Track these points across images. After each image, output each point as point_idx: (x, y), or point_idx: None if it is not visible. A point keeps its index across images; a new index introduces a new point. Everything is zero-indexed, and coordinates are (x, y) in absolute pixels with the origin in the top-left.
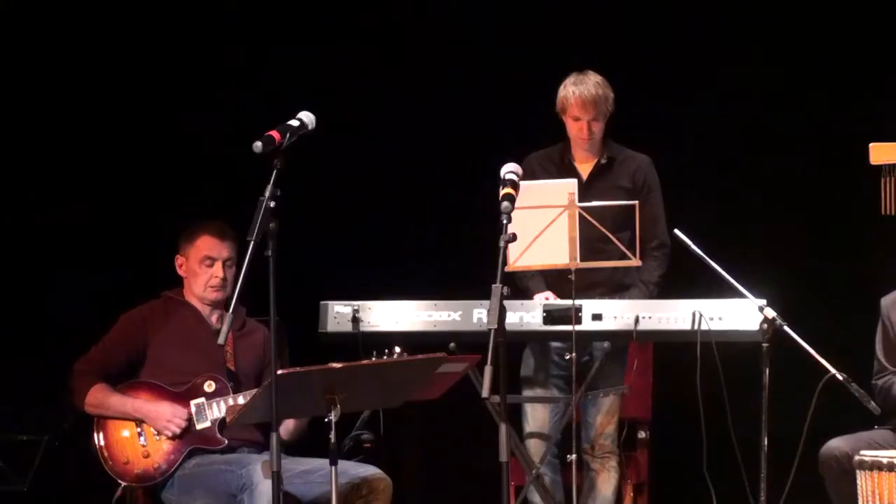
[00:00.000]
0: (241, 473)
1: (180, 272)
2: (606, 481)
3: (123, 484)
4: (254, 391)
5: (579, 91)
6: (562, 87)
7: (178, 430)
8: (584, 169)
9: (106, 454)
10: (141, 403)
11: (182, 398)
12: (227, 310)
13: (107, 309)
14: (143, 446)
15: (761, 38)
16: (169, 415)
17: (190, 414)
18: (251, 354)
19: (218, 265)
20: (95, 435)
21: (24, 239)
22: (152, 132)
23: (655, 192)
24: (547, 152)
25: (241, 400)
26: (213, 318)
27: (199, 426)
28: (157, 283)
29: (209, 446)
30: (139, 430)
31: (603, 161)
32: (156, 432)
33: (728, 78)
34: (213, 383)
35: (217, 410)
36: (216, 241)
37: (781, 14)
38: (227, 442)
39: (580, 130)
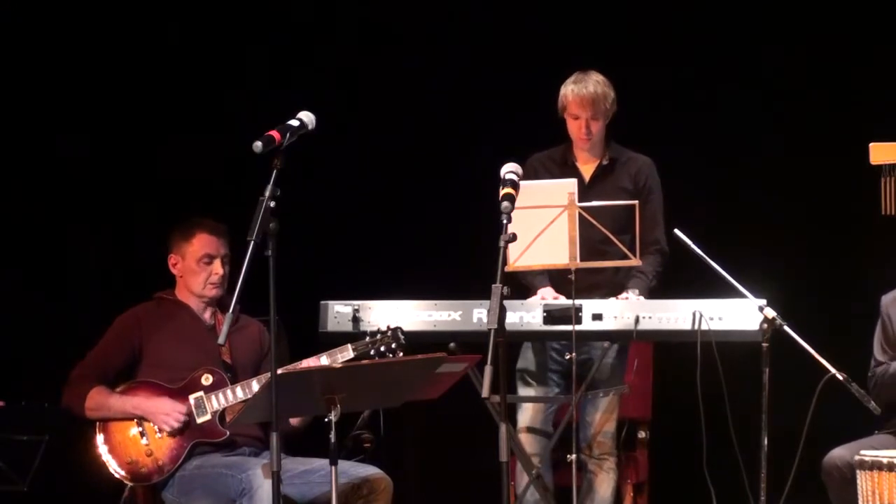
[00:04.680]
0: (241, 478)
1: (174, 271)
2: (604, 482)
3: (130, 485)
4: (251, 381)
5: (578, 89)
6: (563, 86)
7: (177, 425)
8: (587, 170)
9: (109, 456)
10: (140, 401)
11: (181, 393)
12: (224, 309)
13: (106, 307)
14: (146, 445)
15: (761, 38)
16: (168, 409)
17: (189, 408)
18: (247, 346)
19: (217, 262)
20: (98, 438)
21: (24, 238)
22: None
23: (656, 194)
24: (549, 153)
25: (238, 391)
26: (207, 315)
27: (199, 420)
28: (150, 285)
29: (211, 439)
30: (141, 429)
31: (605, 162)
32: (157, 430)
33: (728, 78)
34: (210, 376)
35: (216, 403)
36: (213, 238)
37: (781, 14)
38: (228, 433)
39: (579, 129)
